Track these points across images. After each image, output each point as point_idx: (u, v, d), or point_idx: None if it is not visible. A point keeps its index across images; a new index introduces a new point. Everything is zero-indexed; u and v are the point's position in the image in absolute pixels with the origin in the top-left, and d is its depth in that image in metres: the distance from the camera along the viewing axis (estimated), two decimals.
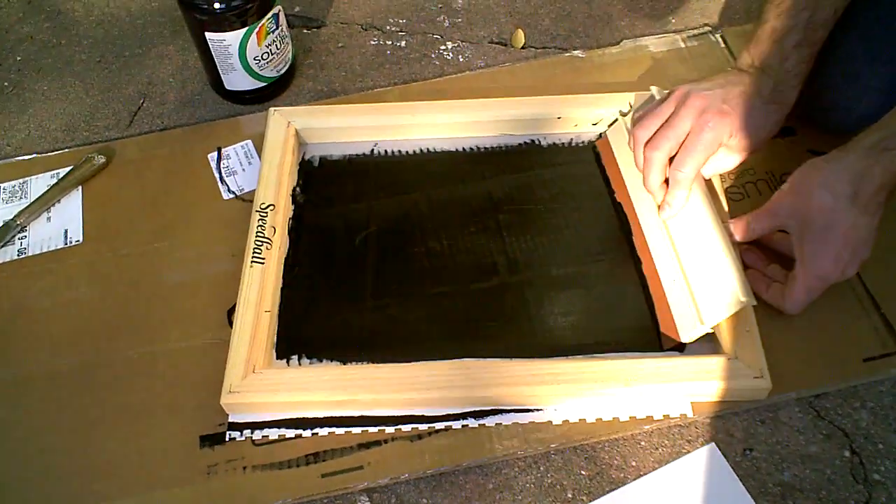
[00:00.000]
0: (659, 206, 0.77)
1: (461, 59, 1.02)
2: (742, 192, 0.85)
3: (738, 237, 0.76)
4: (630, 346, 0.75)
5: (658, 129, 0.75)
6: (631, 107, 0.86)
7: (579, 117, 0.90)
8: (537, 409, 0.73)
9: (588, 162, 0.89)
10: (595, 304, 0.78)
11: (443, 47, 1.04)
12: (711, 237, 0.73)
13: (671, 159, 0.75)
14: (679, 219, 0.77)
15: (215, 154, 0.92)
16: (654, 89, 0.83)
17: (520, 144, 0.91)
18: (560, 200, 0.85)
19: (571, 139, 0.90)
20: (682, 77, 0.94)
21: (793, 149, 0.87)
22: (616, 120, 0.87)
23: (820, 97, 0.82)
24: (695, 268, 0.74)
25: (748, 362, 0.71)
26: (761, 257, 0.78)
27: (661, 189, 0.77)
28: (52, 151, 0.95)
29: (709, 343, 0.75)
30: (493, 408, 0.73)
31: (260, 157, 0.87)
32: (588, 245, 0.82)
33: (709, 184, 0.79)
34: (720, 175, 0.82)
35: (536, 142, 0.91)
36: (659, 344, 0.75)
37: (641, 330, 0.76)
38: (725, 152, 0.76)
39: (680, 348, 0.75)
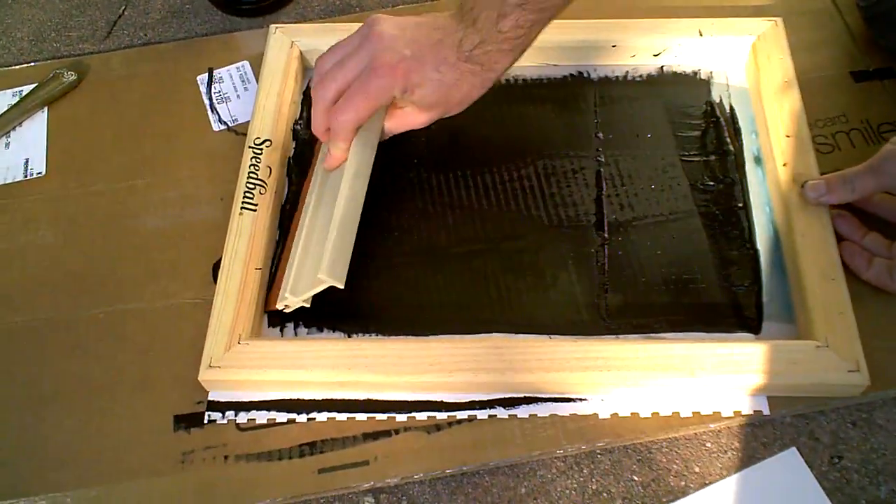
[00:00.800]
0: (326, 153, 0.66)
1: None
2: (832, 143, 0.71)
3: (831, 198, 0.63)
4: (695, 323, 0.64)
5: (332, 67, 0.63)
6: (701, 34, 0.73)
7: (638, 45, 0.76)
8: (581, 399, 0.61)
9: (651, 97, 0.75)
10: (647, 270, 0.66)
11: None
12: (337, 200, 0.62)
13: None
14: (335, 173, 0.66)
15: (206, 76, 0.79)
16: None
17: (565, 77, 0.77)
18: (614, 145, 0.72)
19: (627, 72, 0.77)
20: None
21: (894, 94, 0.74)
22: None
23: None
24: (312, 231, 0.64)
25: (841, 352, 0.58)
26: (858, 225, 0.64)
27: (325, 135, 0.65)
28: (15, 65, 0.83)
29: (791, 325, 0.63)
30: (527, 395, 0.61)
31: (258, 82, 0.74)
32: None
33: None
34: (807, 122, 0.69)
35: (585, 74, 0.77)
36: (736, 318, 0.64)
37: (713, 303, 0.64)
38: (412, 110, 0.64)
39: (754, 327, 0.63)
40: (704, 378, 0.58)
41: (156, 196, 0.72)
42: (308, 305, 0.62)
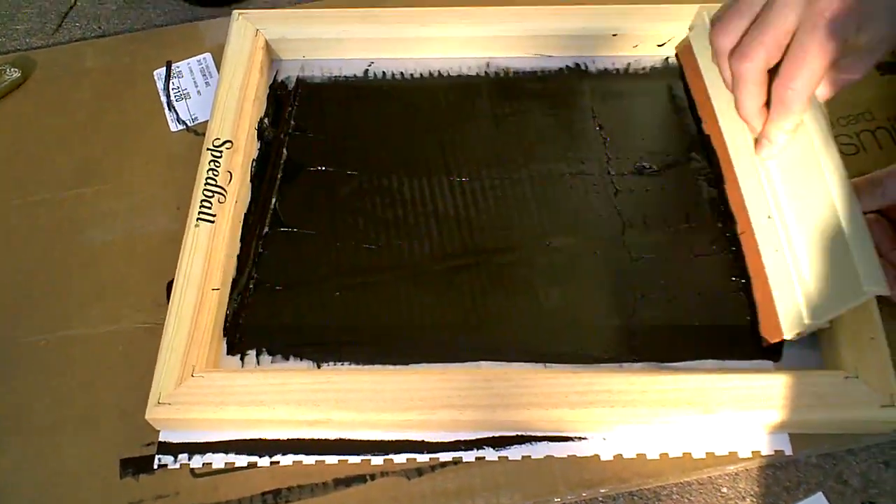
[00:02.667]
0: (756, 141, 0.55)
1: None
2: (856, 144, 0.65)
3: (864, 203, 0.54)
4: (709, 350, 0.57)
5: (747, 30, 0.52)
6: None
7: (641, 34, 0.68)
8: (580, 438, 0.54)
9: (656, 92, 0.68)
10: (669, 287, 0.59)
11: None
12: (828, 190, 0.51)
13: (772, 72, 0.52)
14: (784, 161, 0.55)
15: (163, 70, 0.72)
16: None
17: (560, 69, 0.70)
18: (616, 147, 0.65)
19: (629, 64, 0.70)
20: None
21: None
22: (695, 22, 0.63)
23: None
24: (804, 235, 0.53)
25: (872, 383, 0.52)
26: (891, 236, 0.57)
27: (759, 116, 0.54)
28: None
29: (814, 351, 0.56)
30: (519, 433, 0.54)
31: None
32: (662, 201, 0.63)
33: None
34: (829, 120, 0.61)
35: (583, 66, 0.70)
36: (753, 342, 0.56)
37: (729, 326, 0.57)
38: (850, 57, 0.52)
39: (774, 353, 0.56)
40: (720, 414, 0.51)
41: (105, 206, 0.65)
42: (829, 326, 0.53)
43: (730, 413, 0.51)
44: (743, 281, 0.58)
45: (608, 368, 0.56)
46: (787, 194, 0.54)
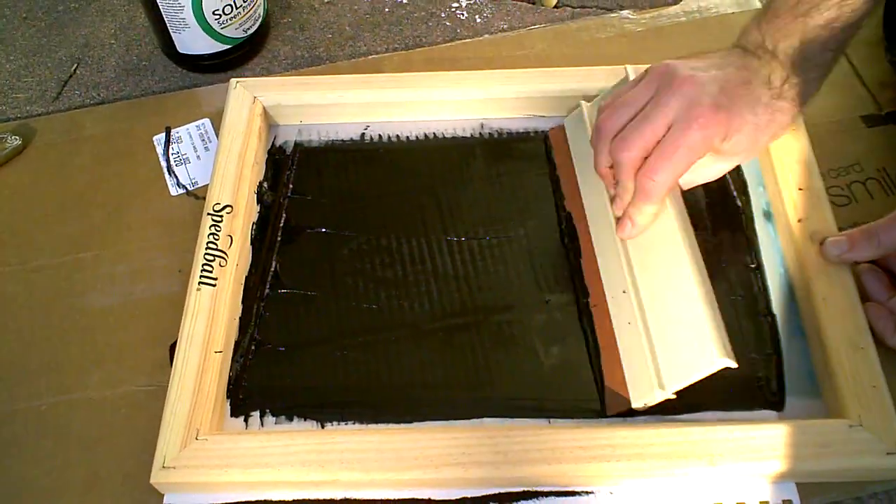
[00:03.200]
0: (618, 222, 0.58)
1: (478, 20, 0.82)
2: (847, 195, 0.66)
3: (855, 255, 0.58)
4: (712, 401, 0.57)
5: (630, 122, 0.55)
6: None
7: None
8: (586, 492, 0.54)
9: None
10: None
11: (455, 4, 0.84)
12: (683, 269, 0.54)
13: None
14: (642, 241, 0.58)
15: (163, 136, 0.72)
16: (629, 68, 0.63)
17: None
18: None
19: None
20: None
21: None
22: (578, 106, 0.67)
23: None
24: (658, 309, 0.55)
25: (877, 431, 0.52)
26: (888, 283, 0.58)
27: (625, 197, 0.57)
28: None
29: (817, 401, 0.57)
30: (525, 489, 0.54)
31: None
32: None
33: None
34: (820, 172, 0.63)
35: None
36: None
37: (732, 376, 0.56)
38: (711, 159, 0.57)
39: (778, 403, 0.57)
40: (725, 466, 0.51)
41: (104, 270, 0.65)
42: (675, 397, 0.54)
43: (735, 464, 0.51)
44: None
45: (611, 423, 0.56)
46: (644, 271, 0.57)
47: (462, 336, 0.60)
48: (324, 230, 0.65)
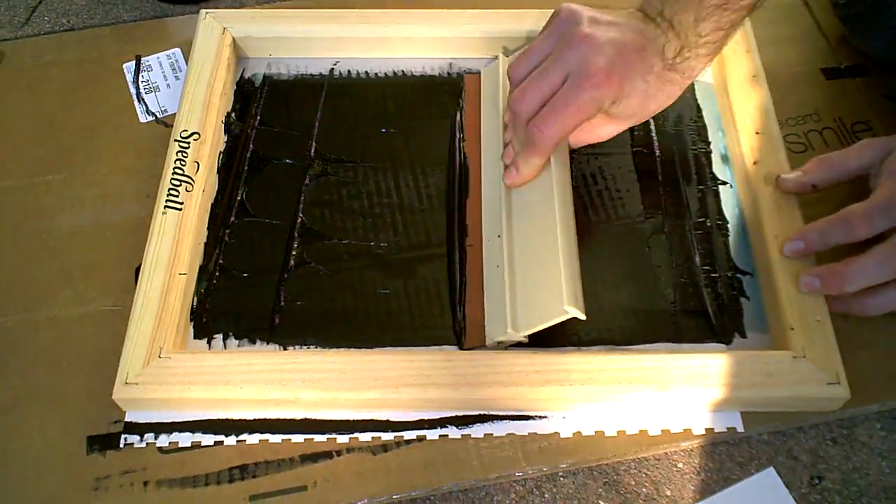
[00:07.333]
0: (505, 170, 0.60)
1: None
2: (804, 143, 0.67)
3: (813, 176, 0.59)
4: (662, 334, 0.59)
5: (530, 74, 0.57)
6: None
7: None
8: (541, 416, 0.55)
9: None
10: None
11: None
12: (549, 222, 0.56)
13: None
14: (524, 191, 0.60)
15: (133, 64, 0.73)
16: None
17: None
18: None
19: None
20: None
21: (866, 93, 0.70)
22: (496, 57, 0.69)
23: None
24: (524, 256, 0.57)
25: (819, 363, 0.54)
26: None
27: (509, 153, 0.60)
28: None
29: (765, 335, 0.58)
30: (481, 412, 0.55)
31: None
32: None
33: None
34: (778, 120, 0.64)
35: None
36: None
37: (681, 311, 0.60)
38: (601, 119, 0.59)
39: (725, 337, 0.59)
40: (674, 392, 0.53)
41: (74, 193, 0.65)
42: (527, 341, 0.56)
43: (683, 390, 0.53)
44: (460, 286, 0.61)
45: (565, 350, 0.57)
46: (519, 220, 0.59)
47: (426, 266, 0.61)
48: (290, 161, 0.66)
